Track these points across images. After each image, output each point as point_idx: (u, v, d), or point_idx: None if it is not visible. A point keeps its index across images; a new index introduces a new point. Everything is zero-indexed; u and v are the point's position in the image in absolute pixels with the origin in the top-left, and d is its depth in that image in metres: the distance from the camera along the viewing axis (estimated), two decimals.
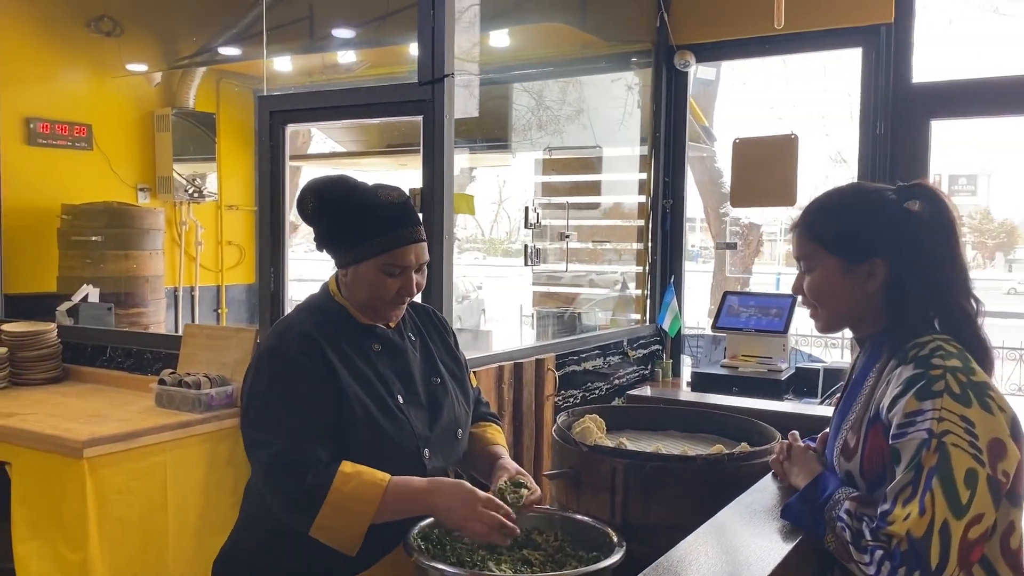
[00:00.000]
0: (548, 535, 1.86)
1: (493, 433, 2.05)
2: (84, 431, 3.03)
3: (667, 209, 4.78)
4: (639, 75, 4.97)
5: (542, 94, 5.73)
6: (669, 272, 4.79)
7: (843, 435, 1.61)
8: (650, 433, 2.35)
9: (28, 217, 4.71)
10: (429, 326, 2.02)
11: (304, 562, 1.76)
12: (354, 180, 1.87)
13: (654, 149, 4.75)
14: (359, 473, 1.69)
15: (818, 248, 1.63)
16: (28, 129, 4.77)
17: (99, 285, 4.63)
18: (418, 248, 1.83)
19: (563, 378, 3.86)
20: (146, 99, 5.53)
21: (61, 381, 4.01)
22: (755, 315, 4.34)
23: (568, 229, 4.65)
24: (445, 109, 3.07)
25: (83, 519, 2.92)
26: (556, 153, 5.30)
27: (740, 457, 1.89)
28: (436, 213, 3.08)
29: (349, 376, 1.75)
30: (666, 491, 1.88)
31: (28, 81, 4.75)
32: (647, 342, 4.68)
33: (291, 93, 3.73)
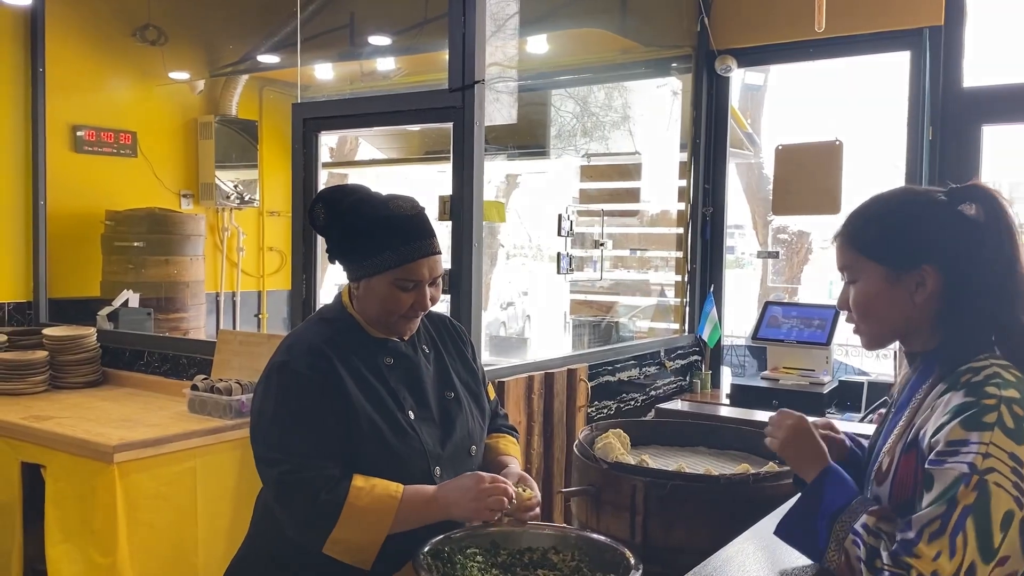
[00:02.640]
0: (565, 554, 1.80)
1: (506, 444, 2.00)
2: (115, 436, 3.06)
3: (707, 217, 4.68)
4: (679, 80, 4.88)
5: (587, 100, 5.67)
6: (709, 281, 4.69)
7: (880, 458, 1.51)
8: (677, 449, 2.27)
9: (73, 223, 4.80)
10: (445, 337, 1.97)
11: (314, 575, 1.73)
12: (367, 190, 1.84)
13: (694, 156, 4.66)
14: (373, 487, 1.66)
15: (862, 257, 1.50)
16: (74, 136, 4.86)
17: (140, 290, 4.70)
18: (432, 261, 1.78)
19: (597, 388, 3.79)
20: (190, 107, 5.60)
21: (100, 385, 4.07)
22: (797, 326, 4.23)
23: (603, 236, 4.58)
24: (475, 116, 3.03)
25: (113, 524, 2.94)
26: (595, 160, 5.23)
27: (766, 477, 1.81)
28: (466, 220, 3.04)
29: (359, 391, 1.72)
30: (688, 512, 1.81)
31: (75, 89, 4.84)
32: (685, 352, 4.59)
33: (324, 101, 3.74)
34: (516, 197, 13.51)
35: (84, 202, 4.87)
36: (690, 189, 4.70)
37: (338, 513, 1.61)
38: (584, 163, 5.23)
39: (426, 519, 1.69)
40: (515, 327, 15.47)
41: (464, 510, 1.67)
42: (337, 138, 8.97)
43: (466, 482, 1.69)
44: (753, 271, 14.73)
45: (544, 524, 1.87)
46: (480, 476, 1.69)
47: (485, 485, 1.67)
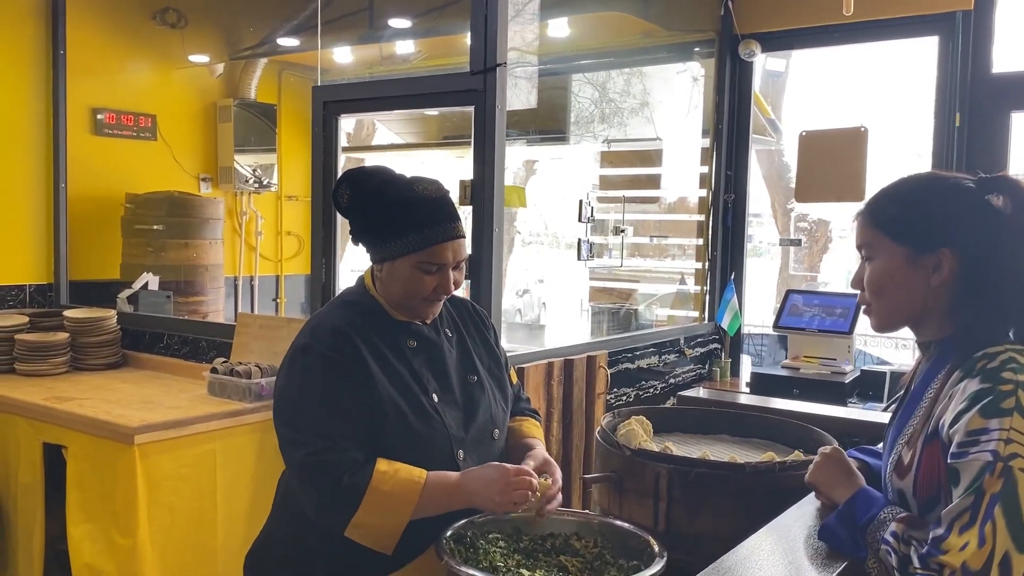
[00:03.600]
0: (587, 541, 1.79)
1: (530, 427, 1.99)
2: (136, 418, 3.07)
3: (729, 204, 4.64)
4: (702, 65, 4.83)
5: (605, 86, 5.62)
6: (730, 268, 4.65)
7: (898, 450, 1.48)
8: (700, 437, 2.25)
9: (93, 206, 4.81)
10: (468, 321, 1.96)
11: (336, 559, 1.73)
12: (391, 172, 1.82)
13: (716, 142, 4.62)
14: (396, 471, 1.65)
15: (881, 235, 1.49)
16: (95, 119, 4.86)
17: (160, 273, 4.71)
18: (456, 245, 1.76)
19: (616, 376, 3.77)
20: (209, 90, 5.60)
21: (120, 367, 4.08)
22: (819, 314, 4.18)
23: (624, 223, 4.54)
24: (497, 99, 3.00)
25: (133, 505, 2.96)
26: (615, 146, 5.19)
27: (792, 466, 1.79)
28: (487, 206, 3.01)
29: (382, 373, 1.71)
30: (712, 500, 1.79)
31: (95, 72, 4.84)
32: (705, 340, 4.56)
33: (344, 84, 3.71)
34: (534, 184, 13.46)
35: (104, 185, 4.88)
36: (712, 176, 4.65)
37: (361, 497, 1.61)
38: (604, 149, 5.18)
39: (449, 506, 1.68)
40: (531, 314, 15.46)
41: (488, 501, 1.66)
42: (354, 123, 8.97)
43: (491, 473, 1.67)
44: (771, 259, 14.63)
45: (567, 510, 1.86)
46: (505, 468, 1.67)
47: (510, 478, 1.65)
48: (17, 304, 4.40)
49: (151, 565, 2.98)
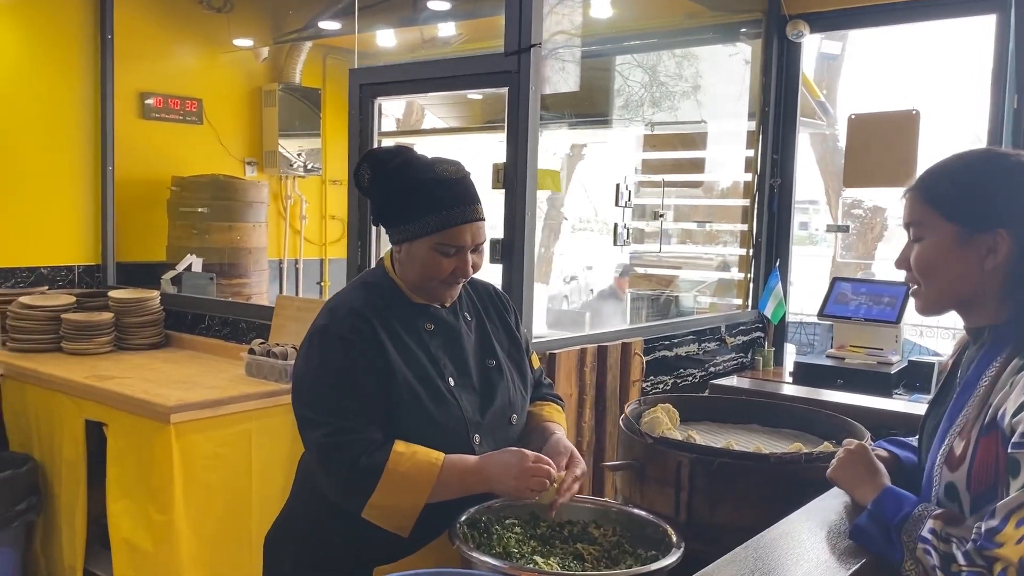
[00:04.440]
0: (606, 529, 1.76)
1: (551, 411, 1.96)
2: (173, 397, 3.11)
3: (775, 189, 4.53)
4: (748, 46, 4.71)
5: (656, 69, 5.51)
6: (775, 255, 4.54)
7: (949, 441, 1.41)
8: (729, 426, 2.19)
9: (140, 188, 4.90)
10: (488, 305, 1.93)
11: (353, 541, 1.72)
12: (412, 153, 1.80)
13: (762, 125, 4.50)
14: (414, 453, 1.64)
15: (931, 212, 1.41)
16: (142, 103, 4.94)
17: (204, 255, 4.78)
18: (475, 227, 1.73)
19: (653, 363, 3.72)
20: (254, 74, 5.65)
21: (163, 347, 4.16)
22: (866, 303, 4.07)
23: (663, 208, 4.46)
24: (531, 80, 2.96)
25: (170, 482, 3.00)
26: (659, 129, 5.09)
27: (819, 458, 1.73)
28: (519, 189, 2.98)
29: (398, 356, 1.69)
30: (735, 490, 1.74)
31: (143, 57, 4.92)
32: (748, 328, 4.47)
33: (380, 66, 3.70)
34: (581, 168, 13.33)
35: (151, 168, 4.96)
36: (757, 159, 4.54)
37: (378, 478, 1.60)
38: (648, 132, 5.09)
39: (466, 489, 1.66)
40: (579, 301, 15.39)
41: (505, 486, 1.63)
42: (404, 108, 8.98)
43: (509, 458, 1.64)
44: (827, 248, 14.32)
45: (586, 498, 1.83)
46: (524, 454, 1.64)
47: (528, 464, 1.63)
48: (66, 284, 4.51)
49: (187, 542, 3.03)
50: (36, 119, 4.39)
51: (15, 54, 4.30)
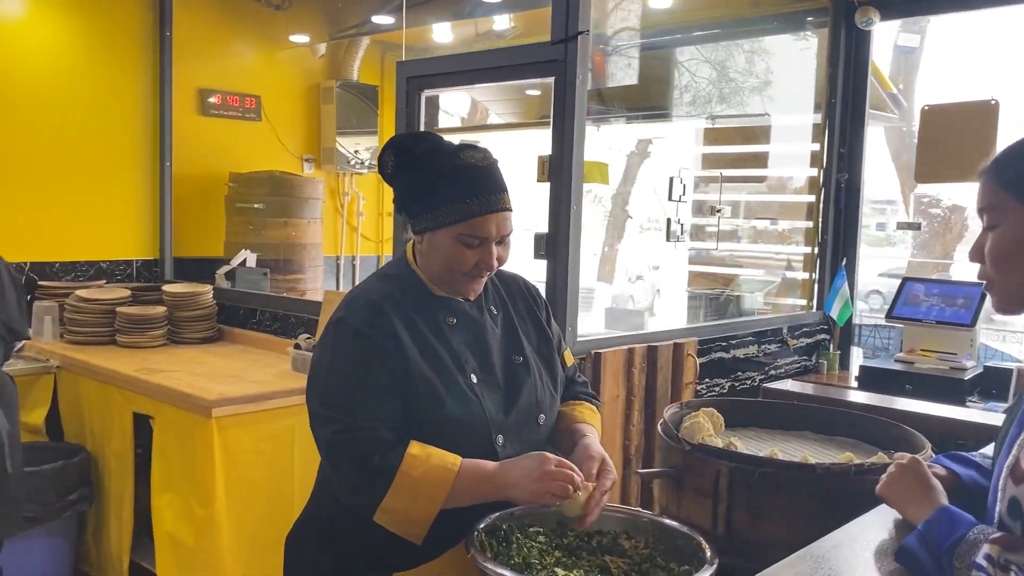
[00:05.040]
0: (637, 540, 1.65)
1: (583, 411, 1.84)
2: (215, 391, 3.10)
3: (842, 184, 4.31)
4: (815, 35, 4.51)
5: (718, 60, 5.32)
6: (841, 254, 4.33)
7: (1018, 451, 1.26)
8: (778, 433, 2.05)
9: (199, 184, 4.95)
10: (516, 298, 1.83)
11: (370, 545, 1.65)
12: (438, 139, 1.71)
13: (829, 118, 4.30)
14: (428, 456, 1.55)
15: (1007, 196, 1.26)
16: (202, 100, 4.99)
17: (260, 251, 4.80)
18: (500, 218, 1.63)
19: (708, 365, 3.57)
20: (312, 71, 5.67)
21: (215, 341, 4.18)
22: (938, 304, 3.84)
23: (720, 203, 4.29)
24: (578, 69, 2.85)
25: (211, 477, 2.99)
26: (720, 122, 4.92)
27: (870, 469, 1.58)
28: (564, 181, 2.87)
29: (417, 351, 1.61)
30: (778, 503, 1.61)
31: (202, 54, 4.97)
32: (812, 330, 4.27)
33: (427, 59, 3.64)
34: (648, 166, 13.10)
35: (210, 164, 5.01)
36: (823, 154, 4.34)
37: (390, 481, 1.52)
38: (709, 125, 4.92)
39: (483, 496, 1.56)
40: (645, 300, 15.17)
41: (524, 492, 1.53)
42: (469, 106, 8.95)
43: (529, 462, 1.54)
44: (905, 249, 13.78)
45: (617, 506, 1.72)
46: (545, 457, 1.54)
47: (549, 468, 1.52)
48: (124, 278, 4.58)
49: (228, 536, 3.02)
50: (97, 116, 4.46)
51: (76, 52, 4.38)
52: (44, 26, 4.28)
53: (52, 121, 4.29)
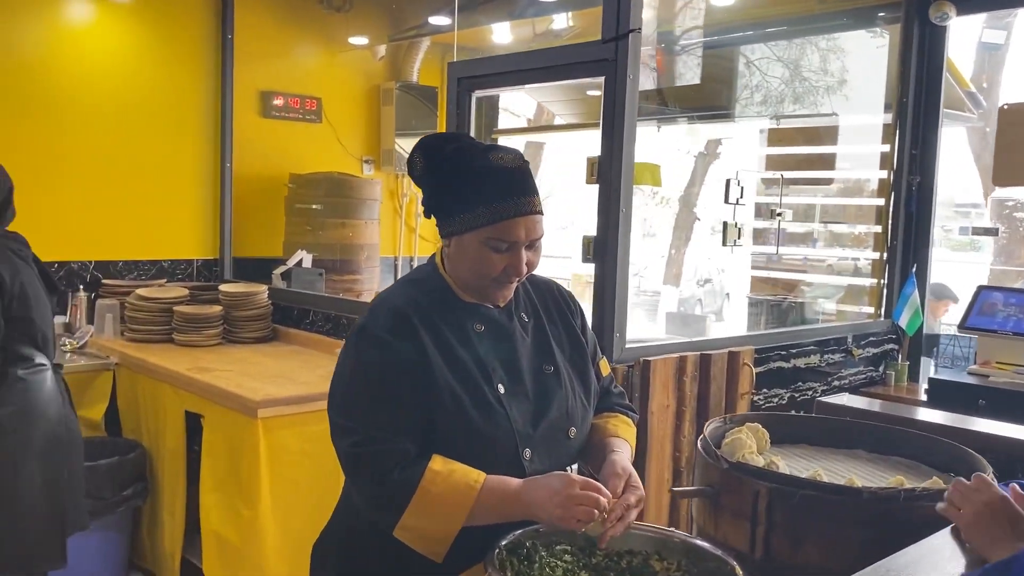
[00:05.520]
0: (669, 562, 1.56)
1: (616, 425, 1.75)
2: (262, 391, 3.11)
3: (913, 187, 4.11)
4: (887, 31, 4.31)
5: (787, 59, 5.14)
6: (912, 260, 4.13)
7: None
8: (829, 451, 1.94)
9: (260, 185, 5.01)
10: (550, 305, 1.76)
11: (389, 560, 1.60)
12: (468, 140, 1.66)
13: (900, 118, 4.11)
14: (451, 472, 1.49)
15: None
16: (263, 102, 5.05)
17: (317, 251, 4.83)
18: (529, 221, 1.56)
19: (766, 375, 3.43)
20: (373, 73, 5.69)
21: (270, 341, 4.21)
22: (1016, 314, 3.62)
23: (780, 206, 4.13)
24: (629, 68, 2.76)
25: (256, 477, 3.00)
26: (785, 122, 4.75)
27: (922, 495, 1.47)
28: (614, 183, 2.79)
29: (441, 359, 1.55)
30: (820, 528, 1.51)
31: (264, 57, 5.03)
32: (879, 340, 4.08)
33: (477, 59, 3.59)
34: (716, 167, 12.81)
35: (270, 165, 5.07)
36: (894, 155, 4.15)
37: (409, 497, 1.46)
38: (774, 126, 4.75)
39: (507, 515, 1.50)
40: (713, 305, 14.86)
41: (547, 514, 1.46)
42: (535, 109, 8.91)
43: (555, 483, 1.47)
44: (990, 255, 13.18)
45: (648, 525, 1.63)
46: (571, 479, 1.46)
47: (574, 491, 1.44)
48: (185, 278, 4.66)
49: (272, 537, 3.02)
50: (162, 119, 4.55)
51: (142, 56, 4.47)
52: (111, 32, 4.38)
53: (118, 124, 4.39)
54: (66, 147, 4.23)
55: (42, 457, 2.77)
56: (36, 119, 4.14)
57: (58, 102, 4.20)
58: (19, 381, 2.73)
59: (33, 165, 4.11)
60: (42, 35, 4.16)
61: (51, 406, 2.82)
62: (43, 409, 2.79)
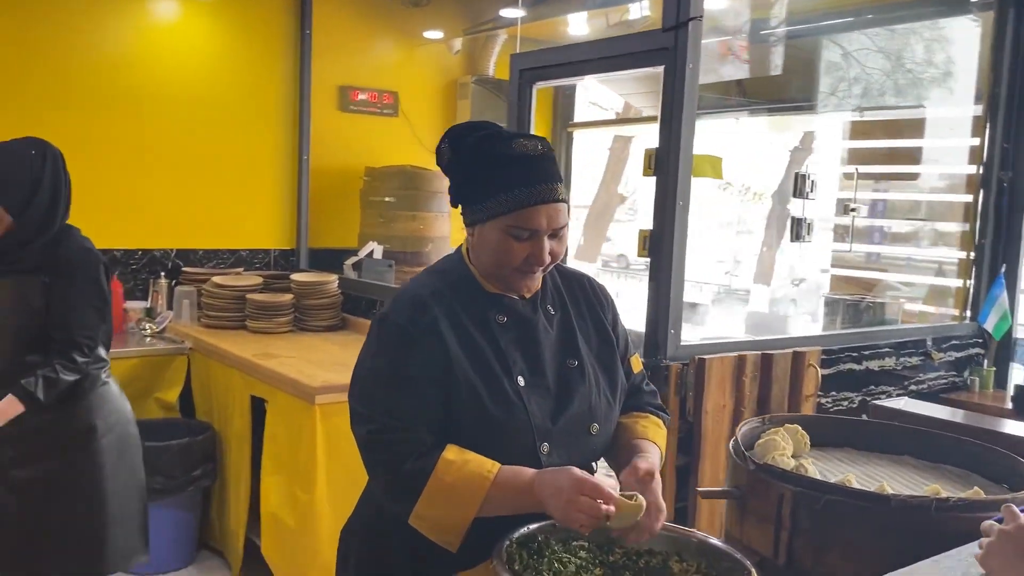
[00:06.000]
0: (688, 564, 1.51)
1: (646, 426, 1.71)
2: (320, 378, 3.17)
3: (1004, 183, 3.89)
4: (978, 19, 4.08)
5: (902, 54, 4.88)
6: (1001, 260, 3.91)
7: None
8: (875, 456, 1.85)
9: (335, 178, 5.11)
10: (579, 299, 1.72)
11: (409, 548, 1.60)
12: (495, 127, 1.64)
13: (991, 110, 3.88)
14: (465, 462, 1.48)
15: None
16: (341, 97, 5.15)
17: (388, 243, 4.90)
18: (552, 210, 1.53)
19: (836, 377, 3.30)
20: (449, 67, 5.72)
21: (339, 330, 4.30)
22: None
23: (855, 201, 3.95)
24: (688, 57, 2.69)
25: (313, 462, 3.06)
26: (868, 115, 4.54)
27: (956, 506, 1.38)
28: (671, 175, 2.73)
29: (460, 350, 1.54)
30: (845, 535, 1.44)
31: (342, 51, 5.13)
32: (962, 343, 3.87)
33: (538, 51, 3.57)
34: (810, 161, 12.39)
35: (347, 158, 5.16)
36: (983, 149, 3.92)
37: (422, 485, 1.46)
38: (857, 118, 4.55)
39: (520, 507, 1.47)
40: (809, 304, 14.39)
41: (553, 511, 1.43)
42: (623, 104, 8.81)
43: (563, 482, 1.43)
44: None
45: (671, 526, 1.58)
46: (580, 482, 1.41)
47: (577, 497, 1.40)
48: (262, 267, 4.80)
49: (327, 521, 3.08)
50: (241, 112, 4.69)
51: (223, 52, 4.62)
52: (194, 28, 4.54)
53: (200, 118, 4.55)
54: (150, 140, 4.41)
55: (132, 453, 2.81)
56: (123, 113, 4.32)
57: (144, 97, 4.38)
58: (103, 384, 2.70)
59: (119, 157, 4.31)
60: (128, 33, 4.34)
61: (125, 401, 2.84)
62: (122, 404, 2.81)
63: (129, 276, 4.37)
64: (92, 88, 4.24)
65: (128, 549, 2.76)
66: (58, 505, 2.58)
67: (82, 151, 4.11)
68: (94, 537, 2.64)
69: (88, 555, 2.64)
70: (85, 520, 2.62)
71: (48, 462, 2.58)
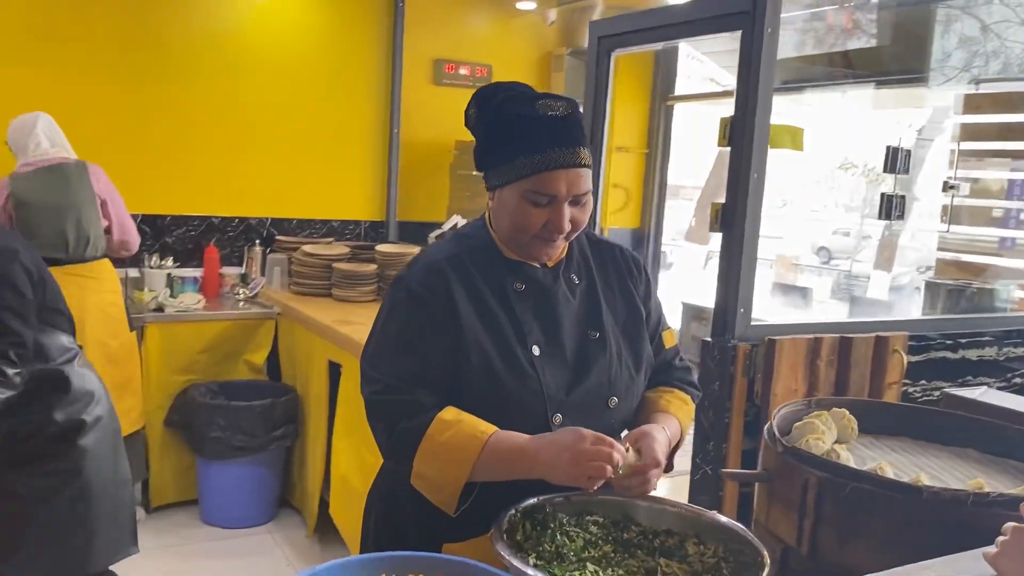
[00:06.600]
0: (707, 547, 1.44)
1: (669, 400, 1.63)
2: None
3: None
4: None
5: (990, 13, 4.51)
6: None
7: None
8: (934, 448, 1.72)
9: (427, 152, 5.15)
10: (610, 269, 1.66)
11: (420, 510, 1.58)
12: (521, 88, 1.59)
13: None
14: (459, 422, 1.46)
15: None
16: (436, 70, 5.18)
17: (471, 216, 4.89)
18: (572, 175, 1.48)
19: (926, 364, 3.10)
20: (544, 39, 5.65)
21: None
22: None
23: (955, 179, 3.67)
24: (767, 21, 2.55)
25: None
26: (984, 87, 4.20)
27: (994, 501, 1.26)
28: (745, 146, 2.60)
29: (474, 316, 1.51)
30: (872, 525, 1.34)
31: (436, 24, 5.14)
32: None
33: (615, 17, 3.46)
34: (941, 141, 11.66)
35: (439, 132, 5.19)
36: None
37: (416, 444, 1.45)
38: (972, 91, 4.22)
39: (517, 471, 1.43)
40: None
41: (558, 472, 1.39)
42: None
43: (565, 439, 1.39)
44: None
45: (690, 506, 1.52)
46: (581, 434, 1.38)
47: (586, 446, 1.36)
48: (353, 237, 4.90)
49: None
50: (336, 86, 4.79)
51: (319, 26, 4.72)
52: (288, 3, 4.65)
53: (295, 91, 4.67)
54: (246, 113, 4.56)
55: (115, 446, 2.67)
56: (222, 87, 4.48)
57: (241, 71, 4.53)
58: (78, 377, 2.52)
59: (217, 129, 4.47)
60: (225, 9, 4.49)
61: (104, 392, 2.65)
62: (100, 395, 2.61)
63: (226, 242, 4.55)
64: (194, 64, 4.40)
65: (116, 544, 2.62)
66: (44, 506, 2.44)
67: (182, 123, 4.31)
68: (82, 534, 2.52)
69: (76, 552, 2.51)
70: (72, 518, 2.49)
71: (30, 466, 2.42)
